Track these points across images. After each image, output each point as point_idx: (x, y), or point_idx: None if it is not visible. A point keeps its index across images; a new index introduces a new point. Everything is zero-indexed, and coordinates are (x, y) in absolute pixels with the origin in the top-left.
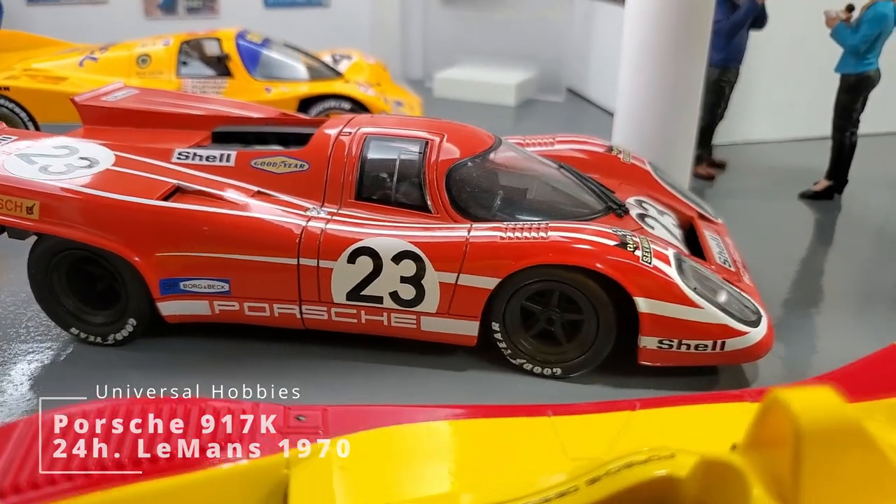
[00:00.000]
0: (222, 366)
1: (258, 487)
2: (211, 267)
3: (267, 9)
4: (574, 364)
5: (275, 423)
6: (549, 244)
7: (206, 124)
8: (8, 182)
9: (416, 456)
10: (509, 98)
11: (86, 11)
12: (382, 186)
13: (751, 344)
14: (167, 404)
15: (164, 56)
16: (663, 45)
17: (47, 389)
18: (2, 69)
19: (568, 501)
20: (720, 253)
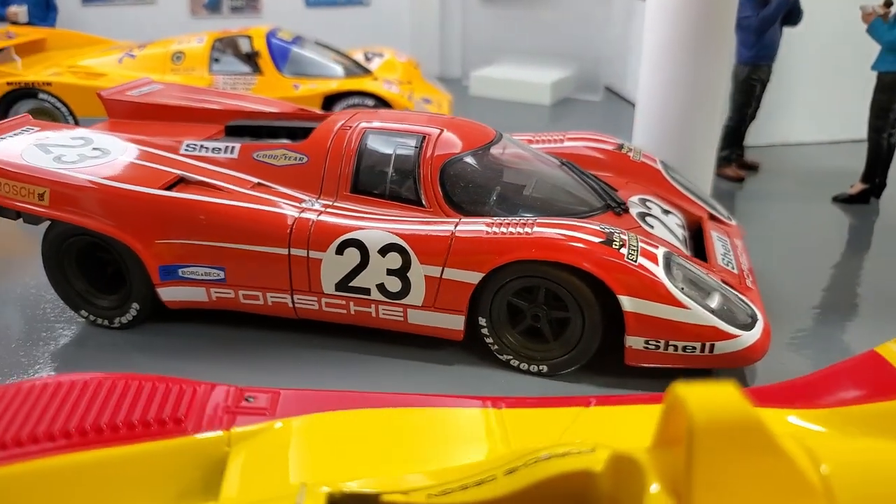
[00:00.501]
0: (219, 351)
1: (199, 462)
2: (207, 255)
3: (308, 7)
4: (560, 362)
5: (223, 403)
6: (532, 240)
7: (222, 118)
8: (22, 170)
9: (351, 441)
10: (544, 97)
11: (136, 11)
12: (378, 180)
13: (742, 347)
14: (122, 380)
15: (198, 53)
16: (683, 42)
17: (58, 368)
18: (50, 66)
19: (484, 490)
20: (724, 255)
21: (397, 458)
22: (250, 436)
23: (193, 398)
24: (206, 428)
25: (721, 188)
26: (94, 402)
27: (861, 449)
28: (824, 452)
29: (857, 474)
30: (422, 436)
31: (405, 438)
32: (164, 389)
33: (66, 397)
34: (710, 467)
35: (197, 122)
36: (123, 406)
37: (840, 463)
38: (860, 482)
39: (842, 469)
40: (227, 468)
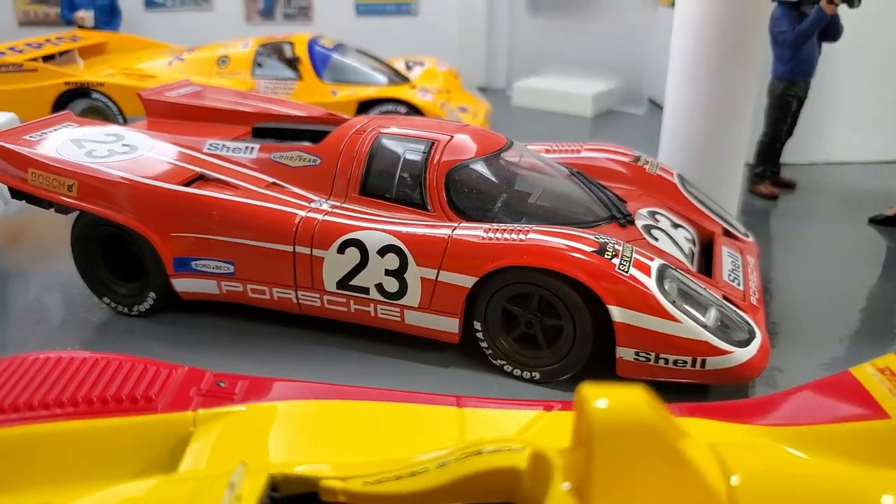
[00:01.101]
0: (228, 343)
1: (165, 439)
2: (218, 249)
3: (358, 16)
4: (552, 370)
5: (189, 383)
6: (524, 246)
7: (251, 120)
8: (55, 163)
9: (306, 429)
10: (586, 108)
11: (194, 17)
12: (385, 183)
13: (735, 364)
14: (105, 359)
15: (242, 57)
16: (710, 56)
17: None
18: (106, 68)
19: (416, 481)
20: (732, 271)
21: (348, 448)
22: (214, 418)
23: (168, 379)
24: (175, 408)
25: (754, 205)
26: (75, 378)
27: (777, 463)
28: (742, 465)
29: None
30: (377, 428)
31: (360, 430)
32: (142, 370)
33: (51, 372)
34: (610, 468)
35: (227, 123)
36: (101, 382)
37: (752, 475)
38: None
39: (752, 481)
40: (189, 447)
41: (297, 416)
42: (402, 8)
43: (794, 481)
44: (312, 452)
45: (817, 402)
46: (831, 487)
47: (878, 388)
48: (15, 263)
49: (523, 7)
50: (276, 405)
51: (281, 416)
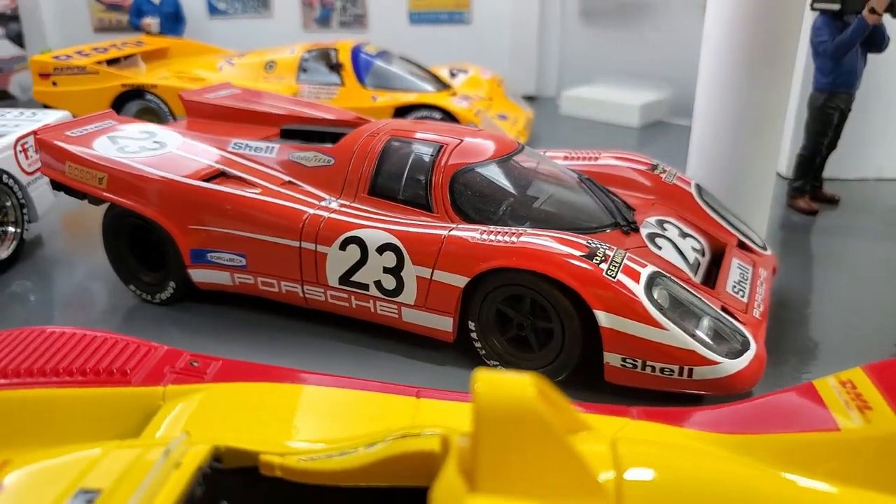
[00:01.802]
0: (240, 332)
1: (136, 410)
2: (231, 242)
3: (412, 24)
4: (542, 372)
5: (165, 361)
6: (514, 248)
7: (282, 122)
8: (89, 157)
9: (263, 409)
10: (633, 119)
11: (255, 24)
12: (393, 184)
13: (723, 375)
14: (93, 335)
15: (288, 63)
16: (740, 66)
17: None
18: (165, 71)
19: (346, 459)
20: (739, 283)
21: (300, 429)
22: (181, 393)
23: (146, 357)
24: (148, 383)
25: (792, 220)
26: (62, 350)
27: (676, 461)
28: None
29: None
30: (330, 413)
31: (315, 413)
32: (123, 346)
33: (42, 344)
34: (494, 452)
35: (258, 125)
36: (85, 356)
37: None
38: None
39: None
40: (154, 418)
41: (258, 396)
42: (454, 16)
43: (690, 481)
44: (264, 430)
45: (773, 412)
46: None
47: (835, 400)
48: (64, 250)
49: (575, 16)
50: (241, 385)
51: (243, 396)
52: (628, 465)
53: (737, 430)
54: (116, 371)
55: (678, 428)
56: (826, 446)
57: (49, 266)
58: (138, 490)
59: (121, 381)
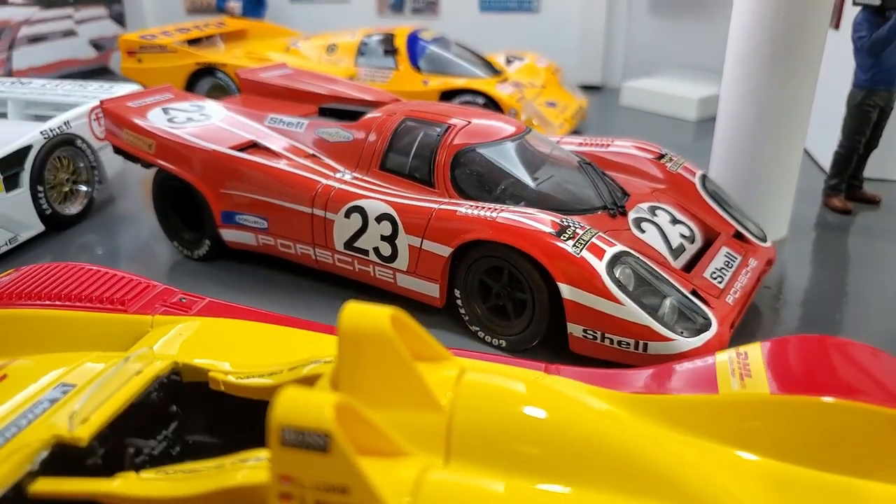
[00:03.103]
0: (262, 286)
1: (128, 334)
2: (256, 206)
3: (482, 12)
4: (515, 339)
5: (160, 297)
6: (490, 223)
7: (323, 101)
8: (142, 125)
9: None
10: (690, 112)
11: (333, 9)
12: (401, 161)
13: (676, 352)
14: (104, 271)
15: (348, 46)
16: (763, 60)
17: None
18: (239, 51)
19: (271, 379)
20: (720, 269)
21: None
22: (166, 323)
23: (144, 291)
24: (140, 311)
25: (826, 218)
26: (79, 281)
27: (509, 391)
28: (478, 388)
29: (483, 408)
30: (275, 346)
31: (263, 345)
32: (126, 281)
33: (67, 274)
34: (352, 368)
35: (301, 102)
36: (95, 286)
37: (480, 395)
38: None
39: (475, 400)
40: (140, 340)
41: (226, 329)
42: (524, 5)
43: (515, 410)
44: (221, 355)
45: (672, 376)
46: (549, 425)
47: (725, 368)
48: (130, 209)
49: (644, 7)
50: (216, 320)
51: (213, 328)
52: (466, 389)
53: (633, 390)
54: (117, 301)
55: (580, 383)
56: (702, 407)
57: (115, 222)
58: (96, 383)
59: (119, 309)
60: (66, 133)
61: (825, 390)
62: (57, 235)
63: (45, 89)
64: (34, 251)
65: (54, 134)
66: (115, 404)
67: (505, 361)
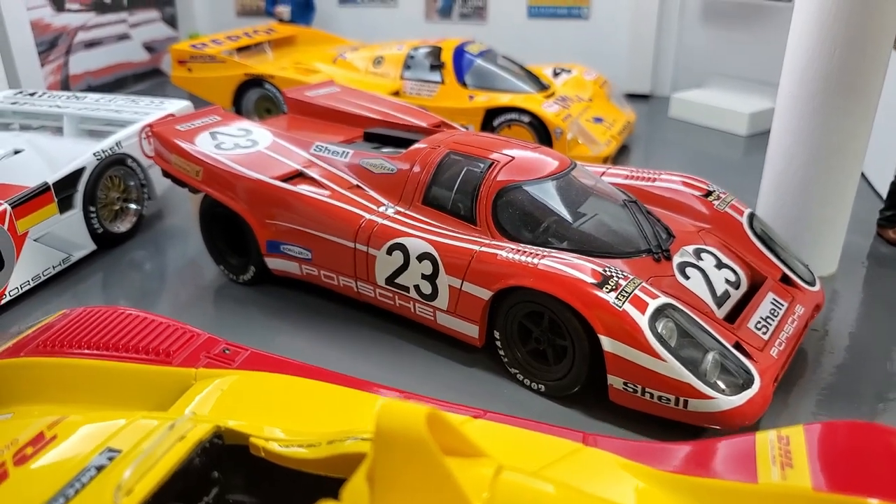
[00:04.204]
0: (304, 315)
1: (173, 387)
2: (300, 237)
3: (530, 19)
4: (555, 385)
5: (204, 347)
6: (533, 270)
7: (369, 125)
8: (190, 151)
9: (272, 398)
10: (741, 127)
11: (381, 13)
12: (444, 196)
13: (717, 410)
14: (149, 319)
15: (394, 59)
16: (817, 95)
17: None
18: (287, 61)
19: (310, 451)
20: (766, 318)
21: (289, 418)
22: (210, 376)
23: (188, 341)
24: (185, 364)
25: (880, 251)
26: (126, 328)
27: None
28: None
29: None
30: (320, 407)
31: (307, 405)
32: (171, 330)
33: (113, 321)
34: (387, 468)
35: (347, 125)
36: (141, 335)
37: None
38: None
39: None
40: (184, 395)
41: (270, 386)
42: (573, 11)
43: None
44: (263, 416)
45: (710, 456)
46: None
47: (765, 454)
48: (179, 226)
49: (696, 16)
50: (259, 375)
51: (255, 384)
52: (503, 490)
53: (672, 469)
54: (162, 352)
55: (618, 458)
56: (739, 496)
57: (163, 238)
58: (142, 453)
59: (164, 361)
60: (117, 153)
61: (873, 490)
62: (107, 253)
63: (98, 104)
64: (85, 269)
65: (106, 155)
66: (159, 473)
67: (541, 429)
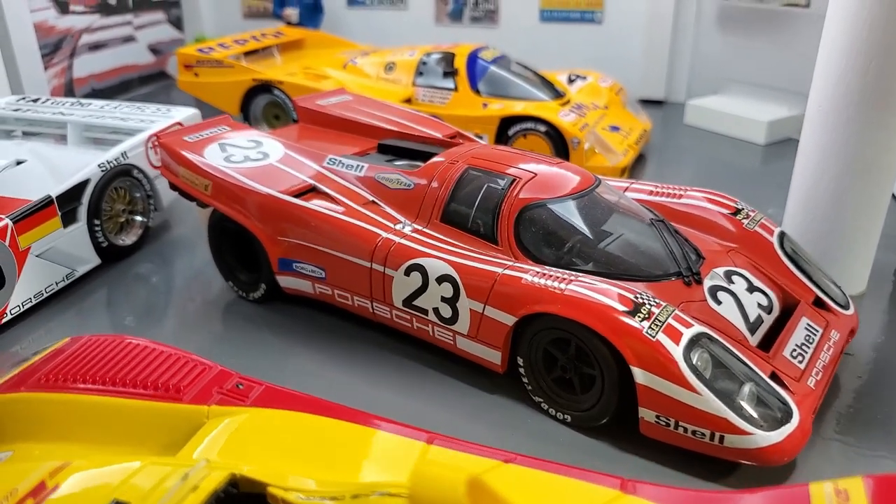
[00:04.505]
0: (317, 335)
1: (184, 425)
2: (314, 255)
3: (542, 22)
4: (582, 415)
5: (216, 381)
6: (560, 296)
7: (383, 135)
8: (198, 164)
9: (288, 438)
10: (759, 135)
11: (391, 16)
12: (464, 214)
13: (755, 446)
14: (158, 348)
15: (407, 65)
16: (850, 108)
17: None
18: (295, 66)
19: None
20: (801, 346)
21: (309, 463)
22: (223, 414)
23: (200, 375)
24: (197, 401)
25: None
26: (133, 361)
27: None
28: None
29: None
30: (341, 450)
31: (327, 448)
32: (182, 363)
33: (120, 353)
34: None
35: (360, 135)
36: (150, 368)
37: None
38: None
39: None
40: (195, 434)
41: (286, 425)
42: (586, 15)
43: None
44: (280, 460)
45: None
46: None
47: None
48: (186, 237)
49: (712, 21)
50: (274, 413)
51: (273, 423)
52: None
53: None
54: (172, 387)
55: None
56: None
57: (170, 250)
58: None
59: (174, 397)
60: (123, 164)
61: None
62: (112, 266)
63: (103, 111)
64: (90, 284)
65: (112, 166)
66: None
67: (575, 475)
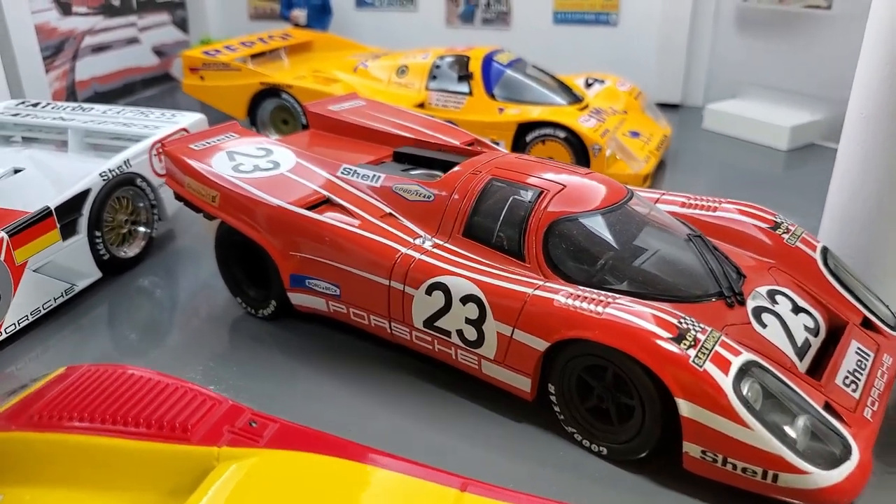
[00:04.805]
0: (331, 356)
1: (192, 468)
2: (328, 272)
3: (555, 24)
4: (619, 448)
5: (227, 419)
6: (598, 321)
7: (398, 143)
8: (205, 174)
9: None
10: (781, 141)
11: (400, 17)
12: (488, 228)
13: (813, 486)
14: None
15: (420, 68)
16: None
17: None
18: (304, 69)
19: None
20: (854, 372)
21: None
22: (235, 456)
23: (210, 411)
24: (206, 442)
25: None
26: (135, 396)
27: None
28: None
29: None
30: (371, 498)
31: (354, 495)
32: (190, 397)
33: (120, 387)
34: None
35: (375, 143)
36: (153, 404)
37: None
38: None
39: None
40: (205, 480)
41: (303, 470)
42: (601, 17)
43: None
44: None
45: None
46: None
47: None
48: (192, 248)
49: (731, 23)
50: (289, 455)
51: (290, 467)
52: None
53: None
54: (178, 426)
55: None
56: None
57: (175, 262)
58: None
59: (181, 437)
60: (125, 172)
61: None
62: (114, 280)
63: (105, 116)
64: (90, 299)
65: (114, 175)
66: None
67: None
